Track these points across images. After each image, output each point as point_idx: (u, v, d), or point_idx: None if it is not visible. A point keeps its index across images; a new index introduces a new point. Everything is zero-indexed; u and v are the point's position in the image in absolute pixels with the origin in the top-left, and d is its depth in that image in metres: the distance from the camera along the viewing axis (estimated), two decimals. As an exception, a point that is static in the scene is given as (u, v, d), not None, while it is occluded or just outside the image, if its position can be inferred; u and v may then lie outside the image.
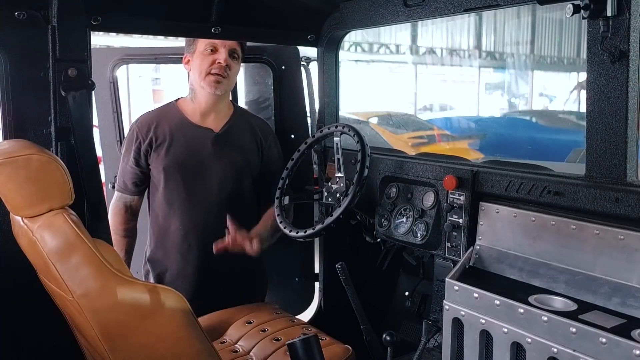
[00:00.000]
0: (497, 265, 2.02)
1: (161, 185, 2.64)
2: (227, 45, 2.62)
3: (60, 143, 2.10)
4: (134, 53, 3.44)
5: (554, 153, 8.08)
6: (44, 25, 2.04)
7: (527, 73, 16.48)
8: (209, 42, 2.61)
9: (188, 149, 2.64)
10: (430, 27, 15.58)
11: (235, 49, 2.65)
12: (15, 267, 1.94)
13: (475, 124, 12.23)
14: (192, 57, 2.66)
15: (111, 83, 3.28)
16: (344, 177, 2.44)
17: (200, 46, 2.63)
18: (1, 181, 1.64)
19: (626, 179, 1.78)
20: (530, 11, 14.66)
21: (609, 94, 1.78)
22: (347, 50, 13.14)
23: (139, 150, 2.64)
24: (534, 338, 1.67)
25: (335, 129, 2.46)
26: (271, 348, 2.32)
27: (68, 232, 1.57)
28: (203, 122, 2.70)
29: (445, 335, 1.96)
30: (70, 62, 2.06)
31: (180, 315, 1.58)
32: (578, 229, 1.80)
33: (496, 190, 2.08)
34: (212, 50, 2.61)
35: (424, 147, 9.40)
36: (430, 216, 2.33)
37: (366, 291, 2.71)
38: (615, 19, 1.72)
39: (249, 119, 2.83)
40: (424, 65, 16.72)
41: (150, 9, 2.43)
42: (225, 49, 2.61)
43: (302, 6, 2.79)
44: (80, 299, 1.53)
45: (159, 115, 2.71)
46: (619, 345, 1.48)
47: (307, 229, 2.34)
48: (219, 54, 2.61)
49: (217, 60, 2.60)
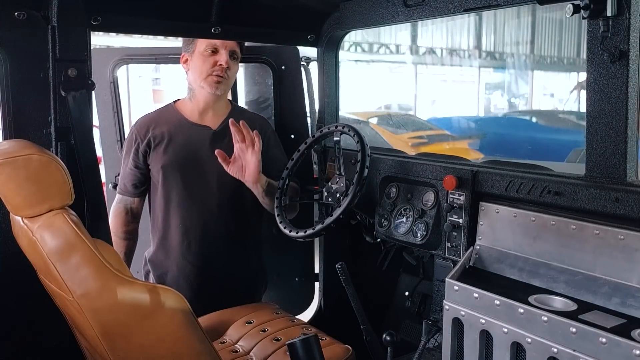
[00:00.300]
0: (497, 265, 2.02)
1: (160, 184, 2.64)
2: (228, 47, 2.63)
3: (60, 143, 2.10)
4: (134, 53, 3.44)
5: (554, 153, 8.09)
6: (44, 25, 2.04)
7: (527, 73, 16.49)
8: (209, 43, 2.61)
9: (186, 147, 2.65)
10: (431, 27, 15.59)
11: (235, 50, 2.66)
12: (15, 268, 1.94)
13: (475, 124, 12.24)
14: (192, 57, 2.66)
15: (111, 83, 3.28)
16: (344, 177, 2.45)
17: (200, 47, 2.63)
18: (1, 181, 1.64)
19: (626, 179, 1.78)
20: (530, 11, 14.67)
21: (609, 94, 1.78)
22: (347, 50, 13.15)
23: (138, 152, 2.65)
24: (534, 338, 1.67)
25: (335, 129, 2.46)
26: (271, 348, 2.32)
27: (68, 232, 1.57)
28: (201, 120, 2.70)
29: (445, 335, 1.96)
30: (70, 62, 2.06)
31: (180, 315, 1.58)
32: (578, 229, 1.80)
33: (496, 190, 2.08)
34: (212, 51, 2.61)
35: (424, 147, 9.41)
36: (430, 216, 2.33)
37: (366, 291, 2.71)
38: (615, 19, 1.72)
39: (245, 116, 2.83)
40: (424, 65, 16.73)
41: (150, 9, 2.43)
42: (226, 50, 2.62)
43: (302, 6, 2.78)
44: (80, 299, 1.53)
45: (157, 117, 2.72)
46: (619, 345, 1.48)
47: (307, 229, 2.35)
48: (220, 55, 2.61)
49: (218, 62, 2.61)
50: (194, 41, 2.65)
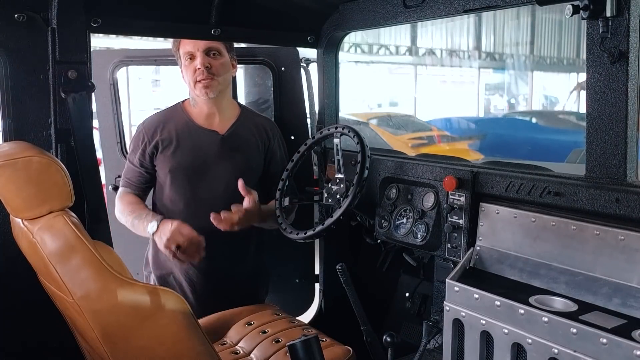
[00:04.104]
0: (497, 266, 2.02)
1: (167, 187, 2.64)
2: (202, 47, 2.58)
3: (60, 145, 2.10)
4: (133, 55, 3.44)
5: (554, 153, 8.09)
6: (44, 27, 2.04)
7: (526, 74, 16.51)
8: (186, 52, 2.60)
9: (194, 151, 2.63)
10: (430, 28, 15.60)
11: (211, 46, 2.60)
12: (15, 269, 1.94)
13: (475, 125, 12.26)
14: (182, 69, 2.67)
15: (111, 85, 3.28)
16: (344, 178, 2.44)
17: (182, 58, 2.63)
18: (1, 183, 1.64)
19: (626, 179, 1.78)
20: (529, 12, 14.69)
21: (609, 94, 1.78)
22: (346, 51, 13.16)
23: (145, 152, 2.64)
24: (535, 339, 1.67)
25: (335, 130, 2.46)
26: (272, 349, 2.32)
27: (68, 234, 1.57)
28: (209, 124, 2.69)
29: (446, 336, 1.96)
30: (70, 64, 2.06)
31: (181, 316, 1.58)
32: (578, 229, 1.80)
33: (496, 191, 2.08)
34: (190, 58, 2.60)
35: (424, 148, 9.41)
36: (430, 217, 2.33)
37: (366, 292, 2.71)
38: (614, 19, 1.72)
39: (255, 120, 2.82)
40: (423, 66, 16.75)
41: (150, 11, 2.43)
42: (200, 52, 2.58)
43: (301, 7, 2.79)
44: (80, 301, 1.53)
45: (165, 118, 2.70)
46: (619, 345, 1.48)
47: (307, 230, 2.34)
48: (196, 59, 2.58)
49: (196, 66, 2.58)
50: (177, 53, 2.65)
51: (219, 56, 2.63)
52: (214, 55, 2.61)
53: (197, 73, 2.58)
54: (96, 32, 2.24)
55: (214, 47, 2.61)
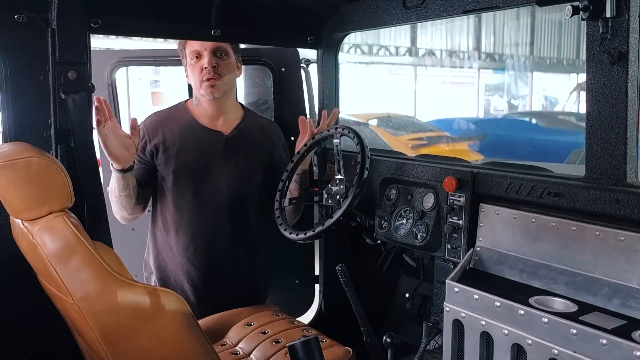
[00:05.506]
0: (497, 267, 2.02)
1: (170, 188, 2.62)
2: (209, 47, 2.58)
3: (60, 146, 2.10)
4: (133, 55, 3.43)
5: (553, 154, 8.10)
6: (44, 27, 2.04)
7: (526, 74, 16.51)
8: (193, 51, 2.59)
9: (198, 152, 2.62)
10: (430, 29, 15.61)
11: (219, 46, 2.60)
12: (15, 270, 1.94)
13: (475, 126, 12.25)
14: (186, 68, 2.66)
15: (110, 85, 3.27)
16: (343, 179, 2.44)
17: (187, 57, 2.62)
18: (1, 184, 1.64)
19: (626, 180, 1.78)
20: (529, 13, 14.70)
21: (609, 95, 1.78)
22: (346, 52, 13.16)
23: (145, 150, 2.62)
24: (535, 339, 1.67)
25: (335, 131, 2.46)
26: (272, 350, 2.32)
27: (68, 234, 1.57)
28: (213, 125, 2.68)
29: (446, 337, 1.96)
30: (70, 65, 2.06)
31: (181, 317, 1.58)
32: (578, 230, 1.80)
33: (496, 191, 2.08)
34: (197, 57, 2.59)
35: (424, 148, 9.41)
36: (430, 218, 2.33)
37: (366, 293, 2.71)
38: (614, 20, 1.72)
39: (259, 121, 2.82)
40: (423, 67, 16.75)
41: (150, 11, 2.43)
42: (207, 51, 2.58)
43: (301, 8, 2.79)
44: (80, 302, 1.53)
45: (167, 117, 2.69)
46: (619, 346, 1.48)
47: (307, 231, 2.34)
48: (203, 58, 2.58)
49: (203, 65, 2.57)
50: (183, 52, 2.64)
51: (226, 57, 2.63)
52: (221, 56, 2.61)
53: (204, 72, 2.57)
54: (96, 32, 2.24)
55: (222, 48, 2.61)
